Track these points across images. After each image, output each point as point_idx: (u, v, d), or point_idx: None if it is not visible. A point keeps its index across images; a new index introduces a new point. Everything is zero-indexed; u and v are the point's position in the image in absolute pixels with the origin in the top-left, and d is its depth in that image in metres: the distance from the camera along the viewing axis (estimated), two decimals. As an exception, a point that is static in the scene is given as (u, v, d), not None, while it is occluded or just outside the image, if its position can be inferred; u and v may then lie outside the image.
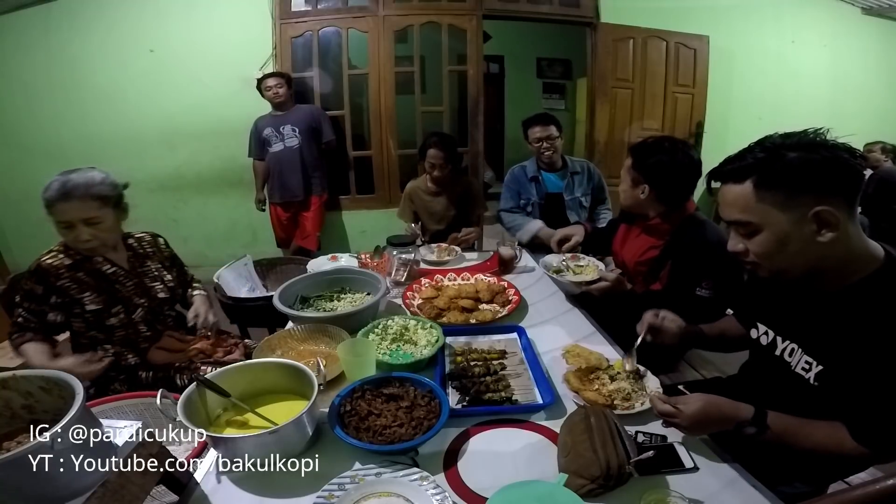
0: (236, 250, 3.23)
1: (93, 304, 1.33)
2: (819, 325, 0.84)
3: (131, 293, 1.40)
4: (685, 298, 1.33)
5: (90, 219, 1.27)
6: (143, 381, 1.38)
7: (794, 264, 0.81)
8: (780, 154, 0.77)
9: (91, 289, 1.34)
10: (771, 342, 0.96)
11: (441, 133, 2.38)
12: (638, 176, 1.42)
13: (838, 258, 0.79)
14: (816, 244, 0.77)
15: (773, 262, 0.83)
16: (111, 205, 1.31)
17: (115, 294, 1.37)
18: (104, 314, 1.35)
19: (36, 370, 0.71)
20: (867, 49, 4.24)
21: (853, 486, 0.72)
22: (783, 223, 0.78)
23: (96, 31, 3.30)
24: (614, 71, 3.79)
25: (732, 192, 0.82)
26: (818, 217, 0.75)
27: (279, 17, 3.35)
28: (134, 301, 1.40)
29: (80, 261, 1.33)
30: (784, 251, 0.80)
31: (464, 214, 2.43)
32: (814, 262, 0.80)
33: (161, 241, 1.59)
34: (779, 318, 0.96)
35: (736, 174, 0.81)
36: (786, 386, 0.90)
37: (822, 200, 0.74)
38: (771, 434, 0.81)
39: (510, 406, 0.99)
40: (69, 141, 3.43)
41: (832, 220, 0.74)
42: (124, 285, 1.39)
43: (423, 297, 1.54)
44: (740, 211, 0.82)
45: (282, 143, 3.13)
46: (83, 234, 1.27)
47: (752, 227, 0.81)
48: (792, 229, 0.77)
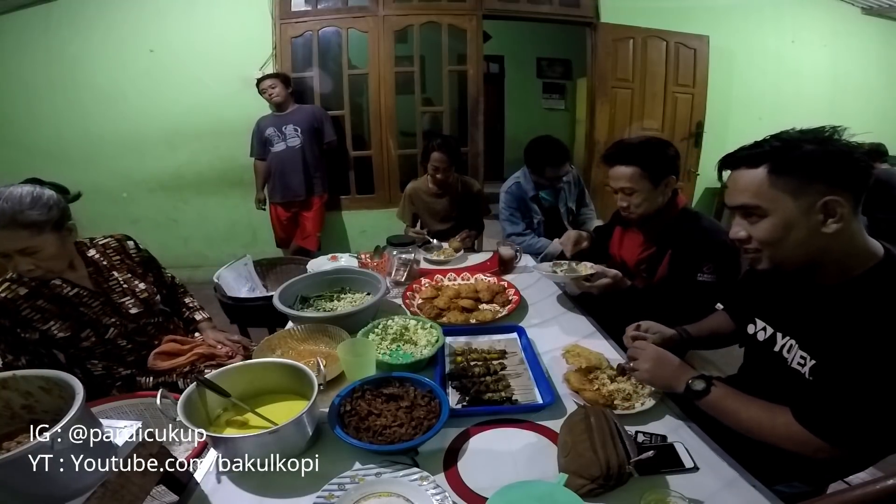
0: (236, 250, 3.24)
1: (61, 332, 1.21)
2: (816, 320, 0.84)
3: (99, 314, 1.27)
4: (687, 286, 1.34)
5: (24, 249, 1.09)
6: (142, 387, 1.32)
7: (795, 254, 0.82)
8: (797, 144, 0.79)
9: (54, 316, 1.20)
10: (770, 338, 0.96)
11: (444, 136, 2.36)
12: (657, 174, 1.38)
13: (839, 252, 0.80)
14: (820, 235, 0.78)
15: (774, 250, 0.84)
16: (49, 229, 1.12)
17: (82, 318, 1.24)
18: (75, 340, 1.23)
19: (35, 371, 0.71)
20: (867, 49, 4.25)
21: (853, 486, 0.72)
22: (791, 210, 0.79)
23: (96, 31, 3.30)
24: (614, 71, 3.78)
25: (745, 176, 0.83)
26: (826, 206, 0.76)
27: (279, 17, 3.35)
28: (103, 322, 1.27)
29: (36, 287, 1.18)
30: (788, 239, 0.81)
31: (465, 215, 2.42)
32: (814, 254, 0.81)
33: (130, 244, 1.43)
34: (777, 313, 0.96)
35: (751, 159, 0.83)
36: (782, 382, 0.90)
37: (833, 191, 0.76)
38: (713, 397, 0.87)
39: (510, 406, 0.99)
40: (69, 141, 3.44)
41: (840, 210, 0.76)
42: (90, 307, 1.25)
43: (423, 297, 1.54)
44: (751, 195, 0.82)
45: (284, 142, 3.13)
46: (22, 265, 1.11)
47: (760, 212, 0.82)
48: (799, 217, 0.78)
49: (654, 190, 1.39)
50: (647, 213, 1.43)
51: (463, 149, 3.71)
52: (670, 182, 1.40)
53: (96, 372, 1.31)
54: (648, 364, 0.95)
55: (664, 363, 0.95)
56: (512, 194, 2.25)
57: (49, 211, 1.11)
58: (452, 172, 2.27)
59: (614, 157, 1.42)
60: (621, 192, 1.42)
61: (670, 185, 1.40)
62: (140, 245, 1.45)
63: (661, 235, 1.46)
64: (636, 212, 1.43)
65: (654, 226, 1.48)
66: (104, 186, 3.54)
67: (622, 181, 1.40)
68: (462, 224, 2.39)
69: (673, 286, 1.38)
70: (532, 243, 2.19)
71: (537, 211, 2.29)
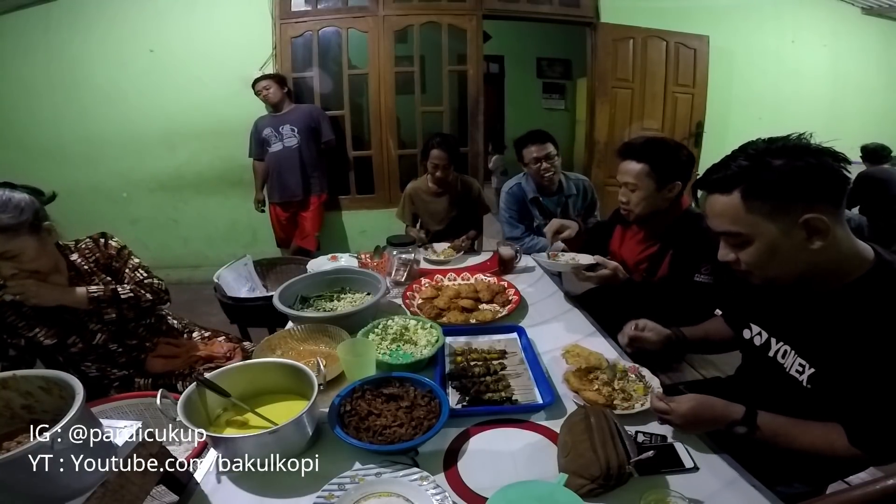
0: (236, 250, 3.23)
1: (47, 339, 1.20)
2: (812, 328, 0.84)
3: (84, 320, 1.24)
4: (685, 286, 1.34)
5: (2, 254, 1.08)
6: (140, 388, 1.30)
7: (786, 272, 0.82)
8: (765, 162, 0.76)
9: (39, 323, 1.19)
10: (765, 343, 0.96)
11: (444, 134, 2.36)
12: (663, 176, 1.39)
13: (829, 262, 0.79)
14: (807, 251, 0.77)
15: (764, 272, 0.83)
16: (25, 231, 1.09)
17: (67, 324, 1.22)
18: (62, 346, 1.22)
19: (35, 370, 0.71)
20: (867, 49, 4.25)
21: (853, 486, 0.72)
22: (773, 233, 0.77)
23: (96, 31, 3.30)
24: (614, 71, 3.79)
25: (720, 202, 0.81)
26: (808, 225, 0.75)
27: (279, 17, 3.35)
28: (89, 328, 1.25)
29: None
30: (775, 260, 0.80)
31: (465, 215, 2.42)
32: (805, 269, 0.80)
33: (108, 242, 1.34)
34: (772, 318, 0.96)
35: (722, 184, 0.80)
36: (780, 387, 0.90)
37: (811, 208, 0.74)
38: (761, 434, 0.82)
39: (510, 406, 0.99)
40: (69, 141, 3.44)
41: (822, 226, 0.74)
42: (74, 313, 1.22)
43: (423, 297, 1.54)
44: (730, 222, 0.81)
45: (281, 142, 3.13)
46: (4, 270, 1.10)
47: (743, 238, 0.81)
48: (782, 239, 0.77)
49: (656, 191, 1.39)
50: (644, 213, 1.44)
51: (463, 149, 3.72)
52: (675, 187, 1.40)
53: (91, 374, 1.30)
54: (681, 421, 0.86)
55: (699, 419, 0.86)
56: (513, 195, 2.24)
57: (21, 214, 1.08)
58: (452, 171, 2.27)
59: (627, 151, 1.43)
60: (625, 186, 1.44)
61: (674, 189, 1.41)
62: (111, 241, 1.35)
63: (664, 235, 1.47)
64: (634, 210, 1.44)
65: (656, 225, 1.48)
66: (104, 186, 3.55)
67: (628, 176, 1.41)
68: (461, 223, 2.39)
69: (671, 286, 1.38)
70: (532, 245, 2.18)
71: (537, 214, 2.28)
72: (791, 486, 0.90)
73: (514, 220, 2.24)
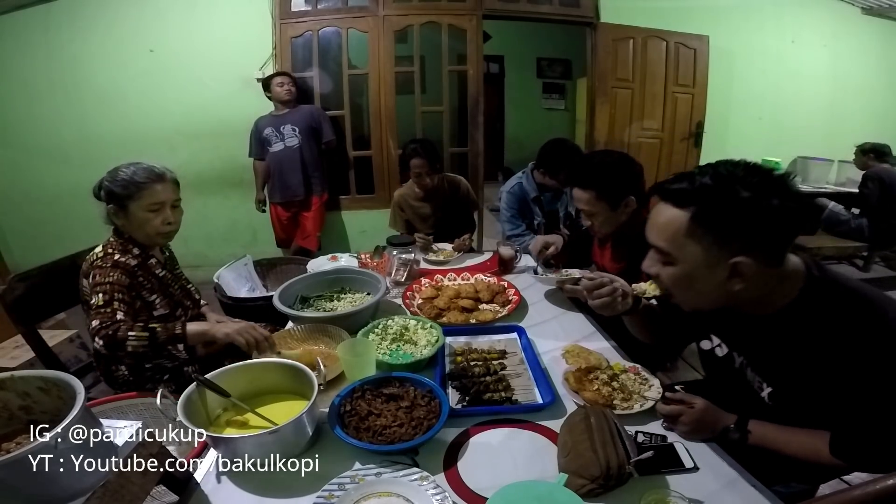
0: (236, 250, 3.23)
1: (161, 309, 1.28)
2: (761, 346, 0.84)
3: (180, 296, 1.36)
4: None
5: (176, 201, 1.30)
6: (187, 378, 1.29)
7: (702, 301, 0.82)
8: (732, 189, 0.71)
9: (156, 291, 1.28)
10: (727, 355, 0.95)
11: (420, 140, 2.33)
12: (614, 197, 1.38)
13: (750, 298, 0.79)
14: (723, 288, 0.76)
15: (681, 296, 0.83)
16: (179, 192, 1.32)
17: (173, 297, 1.33)
18: (169, 319, 1.27)
19: (34, 371, 0.71)
20: (867, 49, 4.24)
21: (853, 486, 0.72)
22: (697, 262, 0.76)
23: (96, 31, 3.29)
24: (614, 71, 3.78)
25: (666, 214, 0.78)
26: (734, 267, 0.73)
27: (279, 17, 3.35)
28: (184, 304, 1.37)
29: (143, 258, 1.27)
30: (692, 289, 0.80)
31: (456, 215, 2.39)
32: (724, 302, 0.80)
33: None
34: (729, 331, 0.95)
35: (678, 196, 0.76)
36: (745, 397, 0.90)
37: (747, 253, 0.72)
38: (752, 439, 0.84)
39: (510, 406, 0.99)
40: (69, 141, 3.43)
41: (746, 272, 0.73)
42: (174, 288, 1.35)
43: (423, 297, 1.54)
44: (665, 239, 0.79)
45: (282, 142, 3.13)
46: (171, 217, 1.27)
47: (669, 258, 0.80)
48: (703, 270, 0.76)
49: (612, 212, 1.40)
50: (610, 231, 1.46)
51: (463, 149, 3.72)
52: (630, 203, 1.39)
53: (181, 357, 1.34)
54: (688, 428, 0.88)
55: (704, 425, 0.88)
56: (514, 195, 2.24)
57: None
58: (435, 175, 2.23)
59: (573, 178, 1.44)
60: (582, 212, 1.45)
61: (630, 205, 1.40)
62: None
63: (629, 252, 1.45)
64: (601, 231, 1.46)
65: (621, 242, 1.49)
66: (104, 186, 3.54)
67: (581, 203, 1.43)
68: (453, 224, 2.36)
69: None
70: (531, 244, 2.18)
71: (538, 213, 2.28)
72: (789, 486, 0.90)
73: (515, 219, 2.24)
